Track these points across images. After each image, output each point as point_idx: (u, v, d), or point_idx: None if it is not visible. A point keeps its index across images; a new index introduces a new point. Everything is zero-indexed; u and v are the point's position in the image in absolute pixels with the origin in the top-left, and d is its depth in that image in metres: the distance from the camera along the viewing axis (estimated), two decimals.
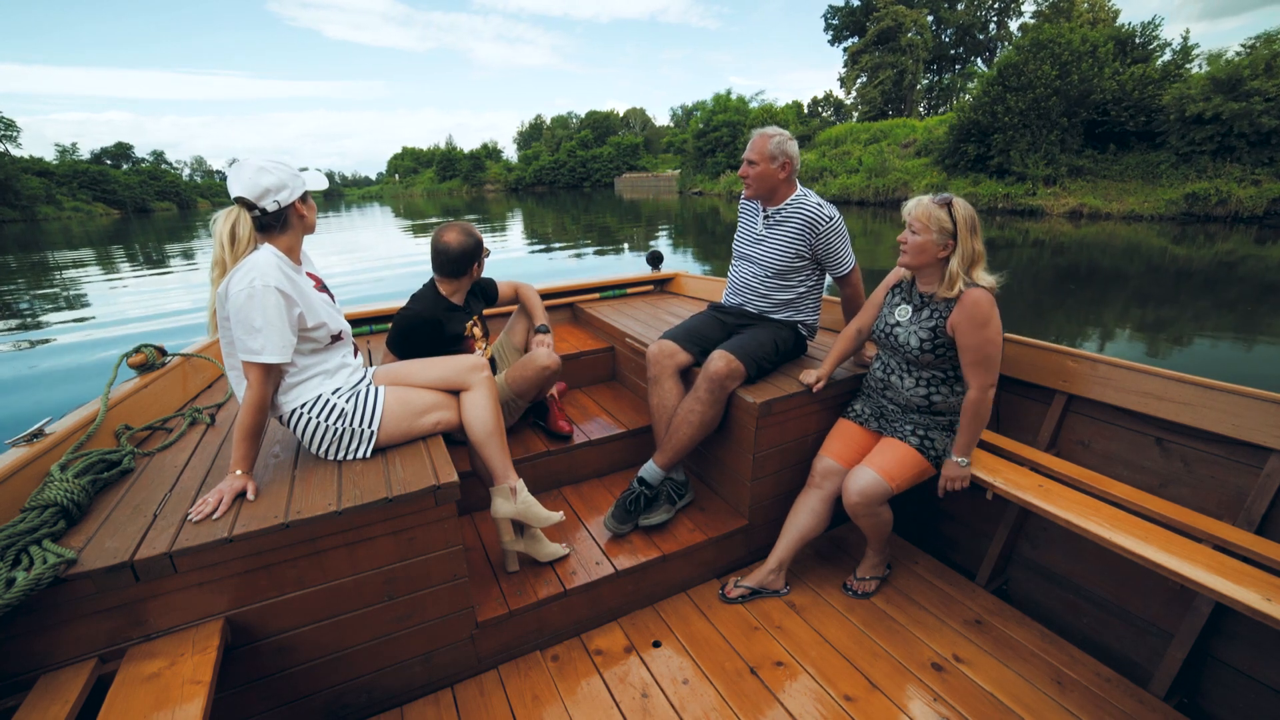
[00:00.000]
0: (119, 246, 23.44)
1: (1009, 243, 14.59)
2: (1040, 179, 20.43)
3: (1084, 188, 19.78)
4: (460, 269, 2.22)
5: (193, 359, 2.40)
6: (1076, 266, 11.12)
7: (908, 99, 44.83)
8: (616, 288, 3.85)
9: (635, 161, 67.93)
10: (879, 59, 43.94)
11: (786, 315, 2.38)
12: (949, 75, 47.54)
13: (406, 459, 1.67)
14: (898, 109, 44.49)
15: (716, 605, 2.11)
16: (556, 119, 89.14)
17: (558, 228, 22.89)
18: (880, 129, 30.38)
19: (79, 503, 1.43)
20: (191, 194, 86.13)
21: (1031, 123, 20.50)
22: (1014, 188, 20.86)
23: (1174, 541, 1.61)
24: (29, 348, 7.83)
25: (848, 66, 46.87)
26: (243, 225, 1.54)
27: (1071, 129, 20.57)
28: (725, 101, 42.11)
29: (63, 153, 79.68)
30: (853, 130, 32.00)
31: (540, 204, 42.19)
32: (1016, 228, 17.26)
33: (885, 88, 43.59)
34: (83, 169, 65.78)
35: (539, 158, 77.85)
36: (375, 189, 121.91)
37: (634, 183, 57.68)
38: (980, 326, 1.79)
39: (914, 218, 1.84)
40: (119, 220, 51.33)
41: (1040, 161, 20.44)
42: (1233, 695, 1.72)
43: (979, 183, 22.08)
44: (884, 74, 43.43)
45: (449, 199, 66.21)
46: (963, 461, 1.92)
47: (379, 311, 3.17)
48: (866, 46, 44.38)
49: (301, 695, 1.57)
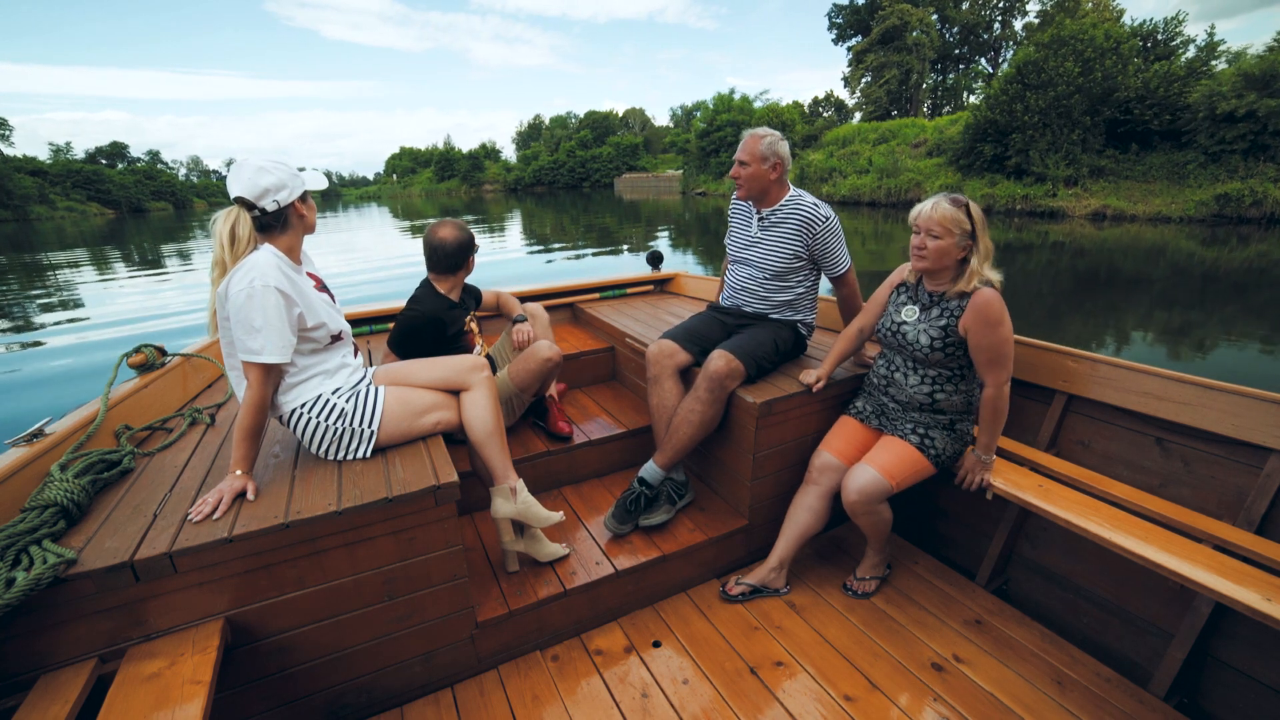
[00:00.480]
0: (113, 247, 23.22)
1: (1026, 245, 14.15)
2: (1061, 180, 19.82)
3: (1106, 189, 19.23)
4: (456, 263, 2.27)
5: (193, 359, 2.40)
6: (1096, 270, 10.82)
7: (914, 98, 44.51)
8: (616, 288, 3.85)
9: (635, 162, 67.51)
10: (884, 58, 43.52)
11: (785, 315, 2.38)
12: (952, 75, 47.32)
13: (406, 459, 1.67)
14: (903, 109, 44.15)
15: (716, 605, 2.11)
16: (555, 119, 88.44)
17: (557, 228, 22.74)
18: (889, 129, 29.87)
19: (79, 503, 1.43)
20: (187, 194, 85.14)
21: (1052, 121, 19.88)
22: (1033, 189, 20.29)
23: (1174, 541, 1.61)
24: (23, 349, 7.81)
25: (852, 66, 46.42)
26: (242, 225, 1.54)
27: (1093, 128, 19.94)
28: (728, 101, 41.59)
29: (56, 152, 78.54)
30: (860, 130, 31.49)
31: (539, 204, 41.84)
32: (1035, 230, 16.78)
33: (891, 87, 43.13)
34: (77, 168, 64.63)
35: (538, 158, 77.05)
36: (373, 189, 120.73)
37: (634, 183, 57.19)
38: (994, 326, 1.80)
39: (934, 222, 1.80)
40: (114, 220, 50.61)
41: (1061, 162, 19.84)
42: (1233, 695, 1.72)
43: (996, 183, 21.53)
44: (889, 73, 43.05)
45: (447, 199, 65.62)
46: (987, 459, 1.95)
47: (379, 311, 3.17)
48: (871, 45, 44.03)
49: (301, 695, 1.57)
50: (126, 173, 76.62)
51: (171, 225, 39.11)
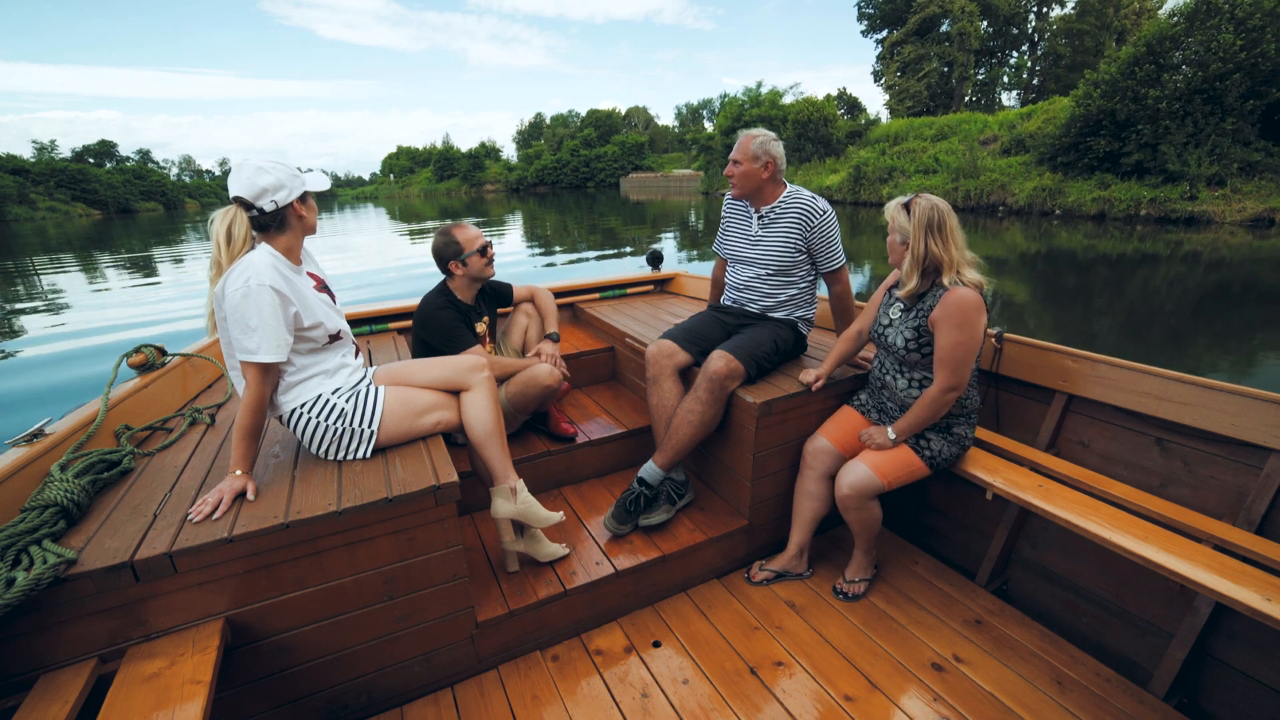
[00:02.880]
0: (87, 252, 21.29)
1: (1150, 257, 11.62)
2: (1203, 179, 15.90)
3: (1266, 189, 15.40)
4: (440, 267, 2.35)
5: (193, 359, 2.40)
6: (1228, 284, 9.17)
7: (956, 93, 41.31)
8: (616, 288, 3.85)
9: (641, 161, 66.60)
10: (923, 50, 39.83)
11: (787, 313, 2.39)
12: (985, 69, 42.89)
13: (406, 459, 1.67)
14: (943, 104, 40.82)
15: (717, 605, 2.11)
16: (556, 117, 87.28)
17: (560, 230, 21.74)
18: (946, 124, 26.92)
19: (79, 503, 1.43)
20: (179, 194, 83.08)
21: (1195, 109, 16.11)
22: (1163, 190, 16.44)
23: (1174, 541, 1.61)
24: (21, 351, 7.79)
25: (884, 59, 42.93)
26: (238, 225, 1.54)
27: (1248, 115, 16.07)
28: (756, 96, 39.39)
29: (40, 150, 76.50)
30: (914, 126, 28.60)
31: (543, 205, 40.47)
32: (1165, 239, 13.74)
33: (931, 80, 39.60)
34: (61, 167, 62.44)
35: (540, 157, 75.32)
36: (370, 189, 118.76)
37: (642, 183, 55.88)
38: (956, 327, 1.77)
39: (888, 218, 1.88)
40: (99, 221, 48.55)
41: (1205, 158, 15.90)
42: (1233, 695, 1.72)
43: (1108, 185, 17.65)
44: (929, 65, 39.51)
45: (447, 199, 64.30)
46: (893, 437, 1.95)
47: (379, 311, 3.17)
48: (907, 36, 40.58)
49: (301, 695, 1.57)
50: (115, 172, 74.52)
51: (162, 226, 38.09)
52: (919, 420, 1.90)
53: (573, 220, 26.21)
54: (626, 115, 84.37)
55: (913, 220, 1.79)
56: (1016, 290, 9.35)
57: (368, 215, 43.35)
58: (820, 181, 28.41)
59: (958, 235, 1.80)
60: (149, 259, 18.78)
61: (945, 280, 1.79)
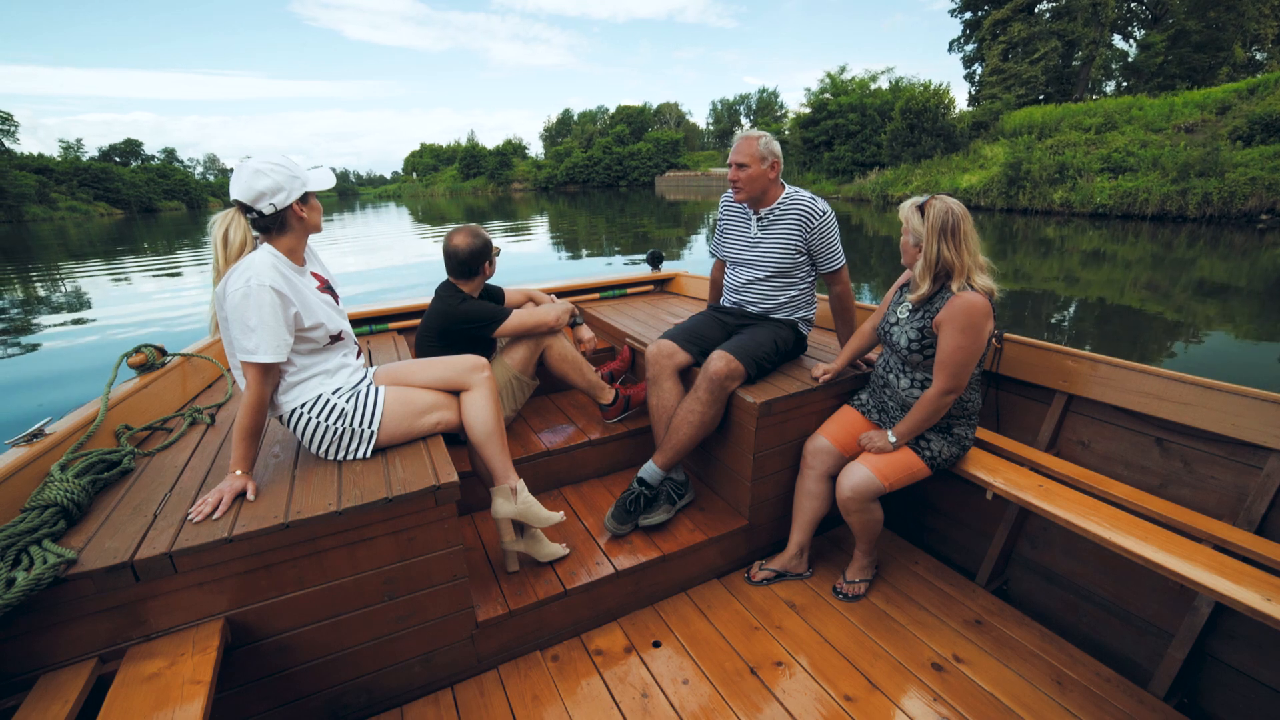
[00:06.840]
0: (86, 259, 18.98)
1: None
2: None
3: None
4: (472, 269, 2.33)
5: (193, 359, 2.40)
6: None
7: (1082, 75, 34.50)
8: (616, 288, 3.85)
9: (675, 159, 63.65)
10: (1038, 27, 33.09)
11: (788, 313, 2.39)
12: (1080, 52, 34.72)
13: (406, 459, 1.67)
14: (1062, 89, 34.22)
15: (716, 605, 2.11)
16: (584, 114, 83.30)
17: (611, 238, 18.69)
18: (1112, 110, 21.30)
19: (79, 503, 1.43)
20: (202, 193, 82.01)
21: None
22: None
23: (1174, 541, 1.61)
24: (22, 351, 7.79)
25: (984, 40, 35.67)
26: (236, 229, 1.55)
27: None
28: (838, 83, 33.22)
29: (66, 149, 75.93)
30: (1070, 113, 22.63)
31: (573, 205, 37.90)
32: None
33: (1051, 62, 32.80)
34: (84, 166, 62.66)
35: (570, 154, 71.34)
36: (392, 187, 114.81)
37: (678, 182, 51.93)
38: (960, 331, 1.76)
39: (902, 219, 1.87)
40: (120, 221, 47.87)
41: None
42: (1233, 695, 1.72)
43: None
44: (1047, 44, 32.49)
45: (473, 198, 61.70)
46: (894, 441, 1.95)
47: (379, 311, 3.17)
48: (1015, 13, 33.63)
49: (301, 695, 1.57)
50: (139, 171, 74.23)
51: (185, 225, 37.28)
52: (918, 422, 1.90)
53: (603, 221, 24.42)
54: (658, 111, 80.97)
55: (926, 223, 1.78)
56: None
57: (389, 216, 41.08)
58: (952, 182, 22.77)
59: (971, 240, 1.78)
60: (174, 261, 18.12)
61: (954, 285, 1.78)
